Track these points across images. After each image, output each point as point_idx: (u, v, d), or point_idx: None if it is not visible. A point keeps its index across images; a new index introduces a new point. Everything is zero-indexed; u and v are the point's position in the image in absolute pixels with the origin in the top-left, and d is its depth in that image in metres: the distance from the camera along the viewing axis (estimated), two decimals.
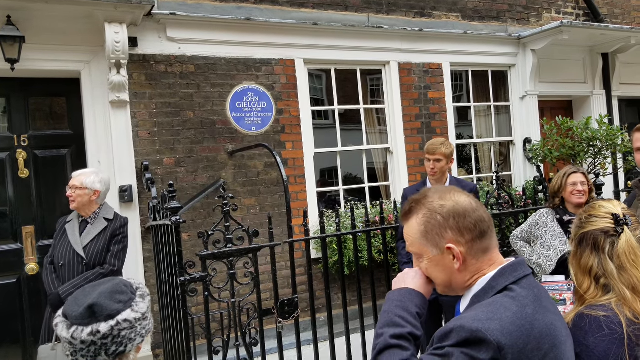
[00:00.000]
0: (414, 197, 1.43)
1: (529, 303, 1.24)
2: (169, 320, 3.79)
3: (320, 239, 3.89)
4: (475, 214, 1.34)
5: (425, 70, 6.37)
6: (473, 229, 1.32)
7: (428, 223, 1.35)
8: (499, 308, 1.21)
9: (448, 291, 1.41)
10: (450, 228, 1.33)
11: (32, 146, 4.78)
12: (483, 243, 1.34)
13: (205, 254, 3.16)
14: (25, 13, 4.36)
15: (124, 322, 1.44)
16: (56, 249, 3.65)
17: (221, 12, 5.27)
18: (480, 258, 1.34)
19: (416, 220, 1.38)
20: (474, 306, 1.28)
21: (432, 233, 1.35)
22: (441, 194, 1.38)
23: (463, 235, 1.32)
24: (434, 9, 6.48)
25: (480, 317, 1.19)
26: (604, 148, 5.99)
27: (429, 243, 1.36)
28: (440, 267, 1.36)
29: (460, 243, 1.32)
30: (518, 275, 1.31)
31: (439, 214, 1.34)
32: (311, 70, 5.86)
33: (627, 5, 8.19)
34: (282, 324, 3.46)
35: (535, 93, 6.99)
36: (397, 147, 6.15)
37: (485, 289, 1.32)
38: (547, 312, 1.26)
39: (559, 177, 3.66)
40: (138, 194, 4.85)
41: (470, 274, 1.34)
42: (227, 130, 5.29)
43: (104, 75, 4.76)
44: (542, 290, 1.33)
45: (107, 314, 1.44)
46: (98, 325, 1.42)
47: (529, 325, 1.19)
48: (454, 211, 1.33)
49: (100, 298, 1.46)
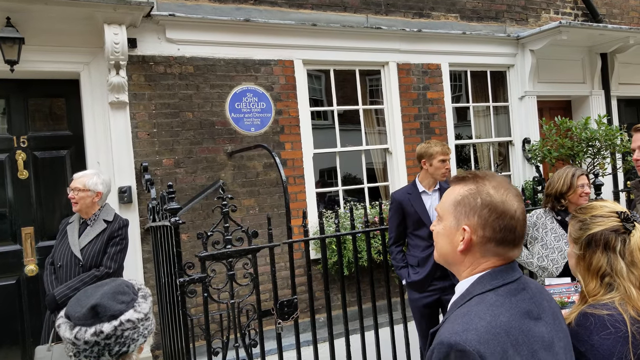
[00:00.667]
0: (478, 172, 1.42)
1: (504, 311, 1.24)
2: (168, 322, 3.80)
3: (320, 240, 3.89)
4: (510, 221, 1.32)
5: (424, 71, 6.38)
6: (497, 230, 1.32)
7: (466, 198, 1.36)
8: (473, 318, 1.22)
9: (443, 262, 1.43)
10: (479, 216, 1.32)
11: (31, 147, 4.78)
12: (498, 248, 1.33)
13: (205, 255, 3.16)
14: (24, 14, 4.37)
15: (127, 322, 1.45)
16: (56, 250, 3.66)
17: (220, 13, 5.27)
18: (486, 256, 1.34)
19: (461, 189, 1.39)
20: (450, 317, 1.29)
21: (462, 207, 1.35)
22: (499, 185, 1.36)
23: (484, 229, 1.32)
24: (432, 9, 6.49)
25: (457, 329, 1.20)
26: (603, 148, 6.00)
27: (453, 213, 1.37)
28: (448, 239, 1.38)
29: (476, 233, 1.33)
30: (496, 283, 1.31)
31: (480, 198, 1.34)
32: (310, 71, 5.87)
33: (625, 5, 8.20)
34: (281, 325, 3.46)
35: (534, 93, 7.00)
36: (396, 148, 6.15)
37: (463, 294, 1.34)
38: (525, 318, 1.26)
39: (566, 177, 3.47)
40: (137, 195, 4.86)
41: (469, 262, 1.35)
42: (226, 131, 5.30)
43: (103, 77, 4.76)
44: (524, 296, 1.32)
45: (110, 315, 1.45)
46: (101, 325, 1.43)
47: (504, 332, 1.20)
48: (494, 206, 1.32)
49: (103, 299, 1.47)
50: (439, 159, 3.85)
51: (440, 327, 1.29)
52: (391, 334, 4.08)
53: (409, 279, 3.88)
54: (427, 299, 3.85)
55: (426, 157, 3.88)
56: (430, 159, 3.87)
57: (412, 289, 3.91)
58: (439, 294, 3.84)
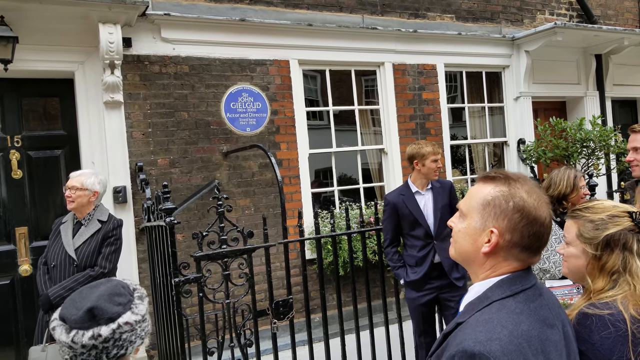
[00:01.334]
0: (509, 173, 1.38)
1: (524, 319, 1.23)
2: (163, 322, 3.79)
3: (315, 240, 3.90)
4: (540, 229, 1.31)
5: (419, 71, 6.39)
6: (525, 236, 1.30)
7: (497, 199, 1.32)
8: (496, 326, 1.20)
9: (461, 260, 1.40)
10: (509, 220, 1.29)
11: (25, 147, 4.76)
12: (522, 254, 1.32)
13: (200, 255, 3.16)
14: (18, 13, 4.34)
15: (125, 324, 1.43)
16: (50, 249, 3.64)
17: (215, 12, 5.26)
18: (508, 260, 1.32)
19: (491, 189, 1.34)
20: (469, 320, 1.27)
21: (491, 208, 1.32)
22: (531, 190, 1.33)
23: (512, 233, 1.29)
24: (428, 10, 6.50)
25: (480, 338, 1.18)
26: (598, 149, 6.02)
27: (481, 213, 1.33)
28: (471, 238, 1.34)
29: (503, 237, 1.30)
30: (515, 289, 1.29)
31: (512, 202, 1.30)
32: (306, 71, 5.87)
33: (620, 7, 8.24)
34: (276, 325, 3.46)
35: (529, 94, 7.02)
36: (392, 148, 6.16)
37: (481, 297, 1.31)
38: (543, 326, 1.26)
39: (569, 179, 3.45)
40: (132, 194, 4.84)
41: (489, 265, 1.33)
42: (222, 130, 5.29)
43: (98, 76, 4.74)
44: (541, 302, 1.32)
45: (108, 317, 1.42)
46: (99, 328, 1.40)
47: (526, 342, 1.19)
48: (526, 211, 1.29)
49: (100, 301, 1.44)
50: (431, 159, 3.89)
51: (458, 329, 1.27)
52: (386, 333, 4.09)
53: (407, 278, 3.92)
54: (425, 297, 3.89)
55: (418, 157, 3.91)
56: (422, 160, 3.89)
57: (410, 288, 3.94)
58: (436, 292, 3.88)
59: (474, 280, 1.38)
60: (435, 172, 3.94)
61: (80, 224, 3.64)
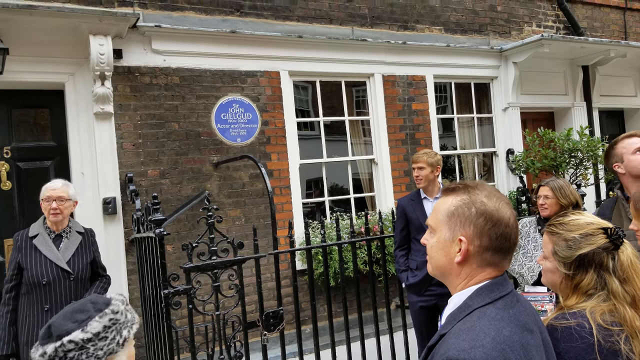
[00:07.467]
0: (467, 182, 1.43)
1: (505, 325, 1.25)
2: (153, 334, 3.76)
3: (306, 251, 3.90)
4: (506, 229, 1.34)
5: (409, 82, 6.44)
6: (493, 239, 1.33)
7: (460, 208, 1.36)
8: (478, 334, 1.22)
9: (439, 275, 1.43)
10: (475, 225, 1.33)
11: (15, 158, 4.73)
12: (494, 257, 1.34)
13: (190, 266, 3.15)
14: (9, 24, 4.34)
15: (69, 343, 1.36)
16: (31, 267, 3.35)
17: (206, 24, 5.29)
18: (482, 267, 1.35)
19: (453, 199, 1.38)
20: (452, 330, 1.28)
21: (456, 218, 1.35)
22: (490, 194, 1.37)
23: (480, 238, 1.33)
24: (417, 22, 6.57)
25: (464, 346, 1.20)
26: (585, 159, 6.08)
27: (447, 225, 1.37)
28: (443, 251, 1.38)
29: (473, 243, 1.33)
30: (494, 296, 1.32)
31: (474, 207, 1.34)
32: (296, 82, 5.90)
33: (606, 19, 8.36)
34: (267, 337, 3.45)
35: (517, 105, 7.10)
36: (382, 158, 6.19)
37: (461, 307, 1.33)
38: (523, 332, 1.28)
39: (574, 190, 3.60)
40: (122, 206, 4.82)
41: (465, 274, 1.35)
42: (212, 141, 5.29)
43: (88, 87, 4.74)
44: (519, 308, 1.34)
45: (57, 335, 1.37)
46: (47, 346, 1.36)
47: (509, 348, 1.21)
48: (489, 214, 1.33)
49: (59, 317, 1.40)
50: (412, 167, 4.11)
51: (441, 341, 1.28)
52: (377, 344, 4.09)
53: (407, 281, 4.01)
54: (425, 303, 3.95)
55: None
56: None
57: (411, 292, 4.03)
58: (436, 300, 3.90)
59: (453, 292, 1.40)
60: (415, 180, 4.07)
61: (60, 236, 3.50)
